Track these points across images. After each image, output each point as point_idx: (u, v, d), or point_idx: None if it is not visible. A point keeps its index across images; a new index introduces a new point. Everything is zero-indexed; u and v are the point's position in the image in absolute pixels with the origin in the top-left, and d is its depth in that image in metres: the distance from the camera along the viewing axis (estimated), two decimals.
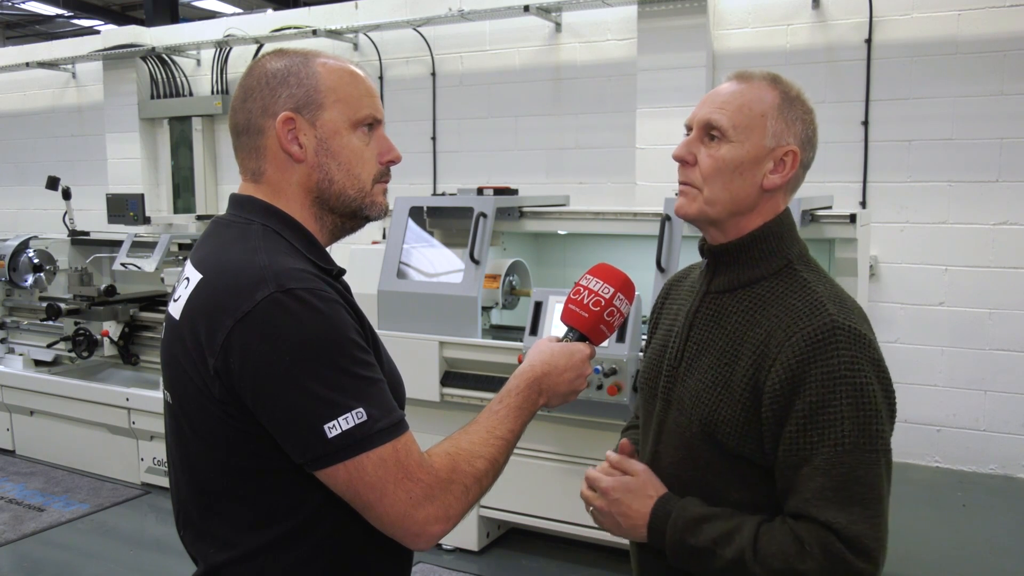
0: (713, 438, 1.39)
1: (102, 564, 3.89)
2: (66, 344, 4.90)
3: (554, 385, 1.44)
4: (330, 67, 1.34)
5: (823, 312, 1.34)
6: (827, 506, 1.27)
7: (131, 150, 7.52)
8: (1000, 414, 4.80)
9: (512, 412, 1.38)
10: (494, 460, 1.31)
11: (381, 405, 1.20)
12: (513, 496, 3.67)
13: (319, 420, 1.15)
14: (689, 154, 1.43)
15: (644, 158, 5.38)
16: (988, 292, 4.77)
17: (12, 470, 5.04)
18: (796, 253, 1.45)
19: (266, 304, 1.17)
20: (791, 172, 1.42)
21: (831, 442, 1.28)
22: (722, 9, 5.27)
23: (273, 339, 1.16)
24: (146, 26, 7.91)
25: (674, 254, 3.25)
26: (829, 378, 1.29)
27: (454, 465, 1.25)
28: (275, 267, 1.21)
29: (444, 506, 1.22)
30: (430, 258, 3.94)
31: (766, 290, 1.41)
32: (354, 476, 1.17)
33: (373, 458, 1.17)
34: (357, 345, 1.21)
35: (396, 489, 1.19)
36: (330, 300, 1.22)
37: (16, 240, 5.44)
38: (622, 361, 3.10)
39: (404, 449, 1.20)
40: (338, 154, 1.33)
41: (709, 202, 1.41)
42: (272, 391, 1.17)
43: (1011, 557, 3.85)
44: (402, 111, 6.32)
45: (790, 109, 1.42)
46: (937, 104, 4.80)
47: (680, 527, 1.37)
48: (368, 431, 1.17)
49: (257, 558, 1.27)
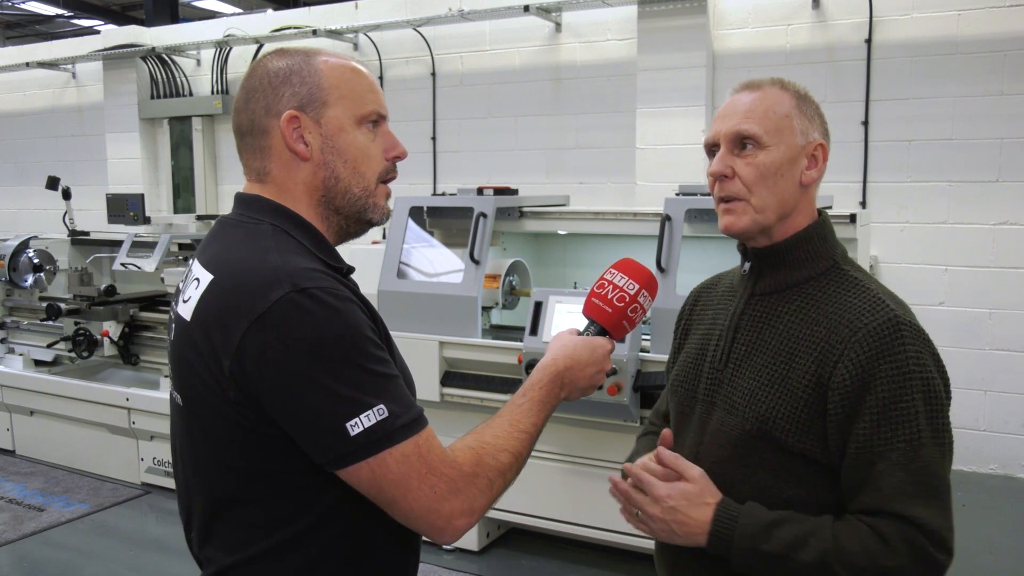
0: (770, 436, 1.38)
1: (102, 564, 3.89)
2: (66, 344, 4.90)
3: (575, 379, 1.44)
4: (332, 64, 1.33)
5: (884, 308, 1.36)
6: (909, 501, 1.28)
7: (131, 150, 7.52)
8: (1000, 414, 4.80)
9: (535, 406, 1.37)
10: (518, 453, 1.31)
11: (401, 401, 1.20)
12: (513, 496, 3.65)
13: (341, 419, 1.15)
14: (727, 168, 1.44)
15: (644, 158, 5.38)
16: (988, 292, 4.77)
17: (12, 470, 5.04)
18: (840, 253, 1.49)
19: (282, 304, 1.16)
20: (824, 164, 1.47)
21: (906, 437, 1.29)
22: (722, 9, 5.27)
23: (290, 339, 1.16)
24: (146, 26, 7.91)
25: (674, 254, 3.25)
26: (899, 373, 1.31)
27: (478, 459, 1.25)
28: (288, 267, 1.21)
29: (469, 499, 1.22)
30: (430, 258, 3.94)
31: (817, 290, 1.43)
32: (378, 473, 1.17)
33: (396, 454, 1.17)
34: (373, 342, 1.21)
35: (420, 484, 1.19)
36: (345, 298, 1.21)
37: (16, 240, 5.44)
38: (622, 361, 3.10)
39: (426, 444, 1.20)
40: (344, 151, 1.32)
41: (759, 210, 1.43)
42: (291, 392, 1.16)
43: (1011, 557, 3.85)
44: (402, 111, 6.31)
45: (806, 106, 1.46)
46: (937, 104, 4.80)
47: (751, 534, 1.33)
48: (390, 427, 1.17)
49: (267, 560, 1.26)
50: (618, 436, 3.35)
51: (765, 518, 1.34)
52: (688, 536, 1.39)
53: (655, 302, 1.56)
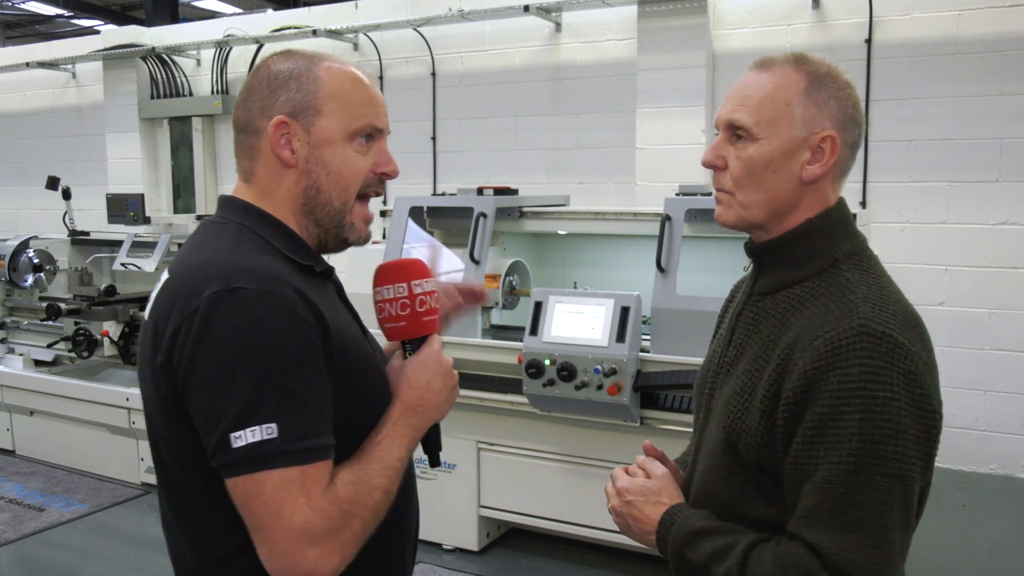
0: (735, 448, 1.31)
1: (102, 564, 3.89)
2: (66, 344, 4.90)
3: (425, 401, 1.33)
4: (334, 72, 1.31)
5: (854, 315, 1.21)
6: (819, 528, 1.17)
7: (131, 150, 7.52)
8: (1000, 414, 4.80)
9: (395, 442, 1.27)
10: (387, 491, 1.23)
11: (300, 424, 1.13)
12: (513, 496, 3.67)
13: (228, 427, 1.11)
14: (718, 158, 1.34)
15: (644, 158, 5.38)
16: (988, 292, 4.77)
17: (12, 470, 5.04)
18: (846, 251, 1.32)
19: (209, 301, 1.14)
20: (832, 159, 1.31)
21: (833, 459, 1.17)
22: (722, 9, 5.27)
23: (207, 337, 1.14)
24: (146, 26, 7.91)
25: (674, 254, 3.25)
26: (843, 388, 1.17)
27: (356, 497, 1.18)
28: (232, 265, 1.19)
29: (341, 544, 1.15)
30: (430, 258, 3.93)
31: (806, 291, 1.30)
32: (251, 491, 1.11)
33: (275, 477, 1.11)
34: (296, 357, 1.15)
35: (293, 516, 1.11)
36: (280, 305, 1.16)
37: (16, 240, 5.43)
38: (622, 361, 3.10)
39: (315, 477, 1.13)
40: (329, 163, 1.30)
41: (745, 207, 1.32)
42: (197, 389, 1.14)
43: (1011, 557, 3.85)
44: (402, 111, 6.31)
45: (820, 90, 1.29)
46: (937, 104, 4.80)
47: (680, 539, 1.31)
48: (274, 449, 1.11)
49: (229, 563, 1.24)
50: (618, 436, 3.35)
51: (696, 526, 1.31)
52: (641, 533, 1.40)
53: (655, 302, 1.55)
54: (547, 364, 3.22)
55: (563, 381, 3.18)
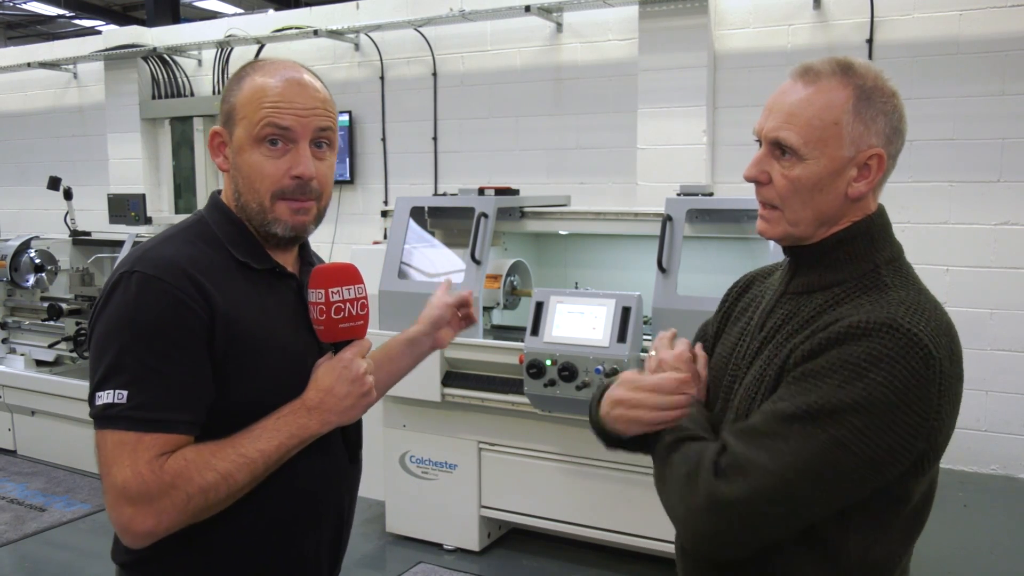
0: None
1: (103, 564, 3.86)
2: (67, 344, 4.91)
3: (326, 403, 1.37)
4: (253, 82, 1.38)
5: (884, 310, 1.19)
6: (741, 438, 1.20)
7: (132, 150, 7.53)
8: (1001, 414, 4.80)
9: (267, 432, 1.32)
10: (228, 475, 1.27)
11: (150, 396, 1.26)
12: (513, 496, 3.67)
13: (94, 387, 1.28)
14: (762, 173, 1.31)
15: (645, 158, 5.38)
16: (989, 292, 4.77)
17: (13, 470, 5.05)
18: (887, 257, 1.31)
19: (114, 280, 1.32)
20: (878, 176, 1.29)
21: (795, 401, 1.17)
22: (723, 9, 5.27)
23: (103, 310, 1.31)
24: (147, 26, 7.92)
25: (675, 254, 3.25)
26: (841, 359, 1.16)
27: (182, 471, 1.25)
28: (146, 252, 1.34)
29: (157, 510, 1.24)
30: (431, 258, 3.94)
31: (845, 291, 1.28)
32: (98, 445, 1.27)
33: (114, 437, 1.25)
34: (164, 337, 1.27)
35: (118, 473, 1.24)
36: (163, 290, 1.28)
37: (18, 240, 5.43)
38: (623, 361, 3.10)
39: (147, 444, 1.25)
40: (241, 169, 1.39)
41: (793, 223, 1.31)
42: (89, 353, 1.32)
43: (1012, 557, 3.85)
44: (403, 111, 6.32)
45: (868, 106, 1.26)
46: (938, 104, 4.80)
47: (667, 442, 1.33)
48: (118, 412, 1.25)
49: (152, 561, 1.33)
50: None
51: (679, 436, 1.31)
52: None
53: (656, 302, 1.55)
54: (548, 364, 3.22)
55: (564, 381, 3.18)
